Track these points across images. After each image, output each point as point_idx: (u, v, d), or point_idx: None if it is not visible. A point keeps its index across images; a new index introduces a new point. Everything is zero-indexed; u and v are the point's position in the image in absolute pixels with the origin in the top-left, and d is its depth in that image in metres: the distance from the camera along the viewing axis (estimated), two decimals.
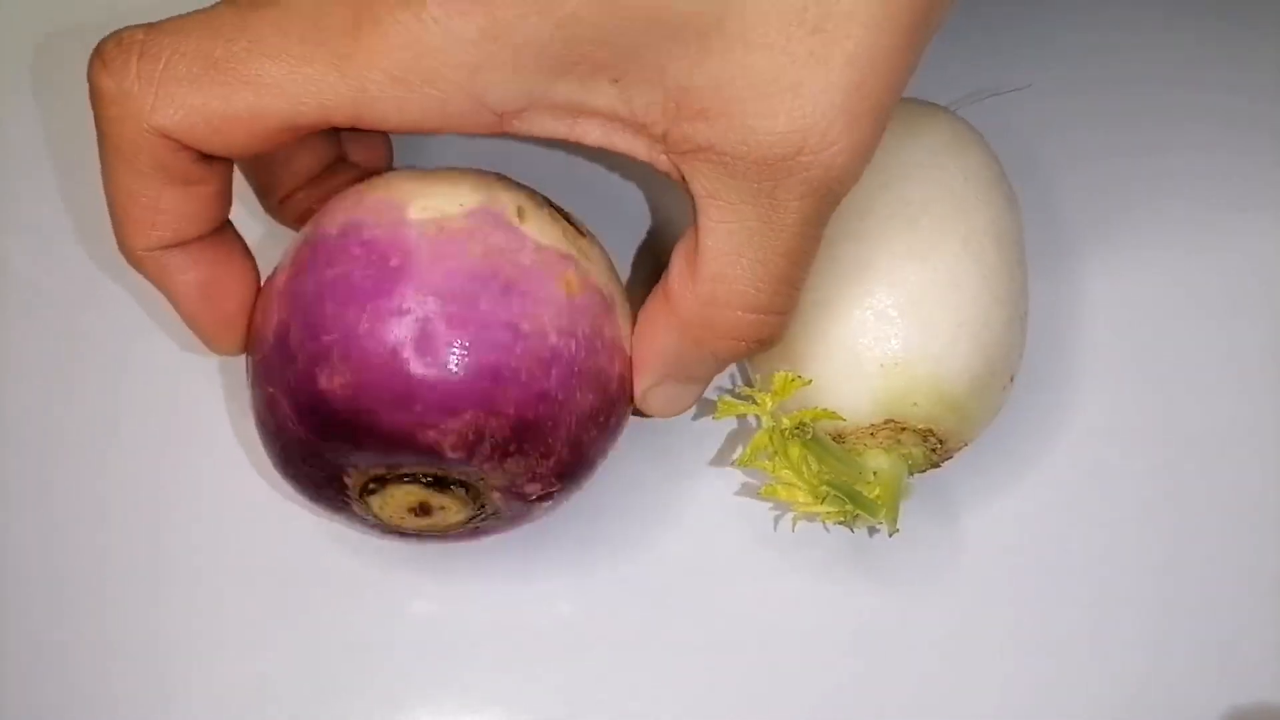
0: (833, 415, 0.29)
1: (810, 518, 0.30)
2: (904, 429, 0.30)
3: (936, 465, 0.31)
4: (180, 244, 0.25)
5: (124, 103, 0.23)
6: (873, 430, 0.30)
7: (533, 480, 0.27)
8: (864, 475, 0.30)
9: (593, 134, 0.25)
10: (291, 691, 0.32)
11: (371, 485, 0.27)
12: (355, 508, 0.28)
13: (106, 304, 0.35)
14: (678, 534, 0.34)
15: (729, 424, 0.34)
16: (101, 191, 0.25)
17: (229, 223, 0.27)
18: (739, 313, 0.26)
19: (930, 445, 0.30)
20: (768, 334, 0.27)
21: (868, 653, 0.33)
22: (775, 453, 0.29)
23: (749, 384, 0.33)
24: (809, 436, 0.29)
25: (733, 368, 0.35)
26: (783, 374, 0.30)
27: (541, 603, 0.33)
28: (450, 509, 0.27)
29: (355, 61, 0.22)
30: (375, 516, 0.28)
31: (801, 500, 0.30)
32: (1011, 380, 0.31)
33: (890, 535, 0.30)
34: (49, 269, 0.35)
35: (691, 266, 0.26)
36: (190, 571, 0.33)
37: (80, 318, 0.35)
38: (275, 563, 0.33)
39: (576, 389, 0.27)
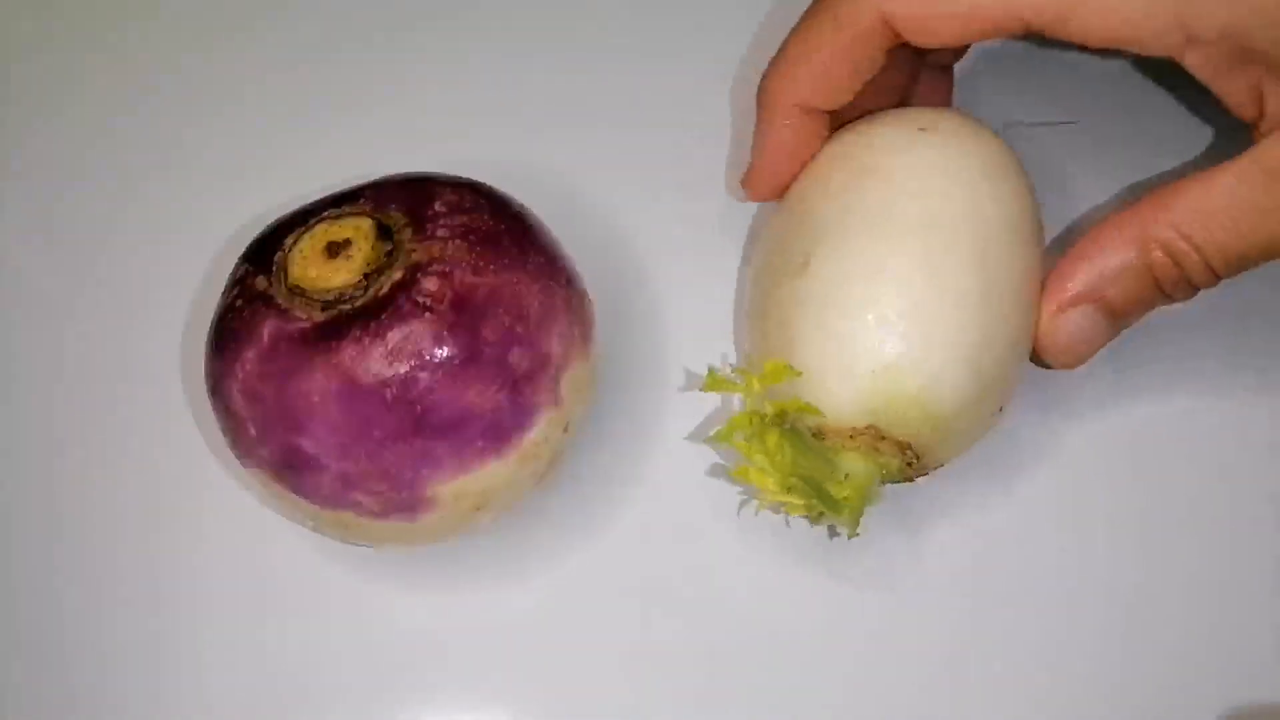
0: (814, 410, 0.29)
1: (775, 507, 0.30)
2: (884, 437, 0.29)
3: (910, 480, 0.31)
4: (806, 109, 0.30)
5: None
6: (853, 433, 0.29)
7: (438, 277, 0.28)
8: (836, 474, 0.29)
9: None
10: (274, 699, 0.33)
11: (315, 220, 0.29)
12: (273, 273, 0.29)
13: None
14: (643, 505, 0.34)
15: (712, 403, 0.34)
16: None
17: (837, 114, 0.31)
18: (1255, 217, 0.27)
19: (907, 459, 0.30)
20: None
21: (822, 642, 0.33)
22: (752, 436, 0.29)
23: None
24: (787, 426, 0.29)
25: (731, 356, 0.35)
26: (774, 361, 0.29)
27: (514, 588, 0.34)
28: (357, 252, 0.28)
29: None
30: (287, 270, 0.29)
31: (770, 488, 0.30)
32: (1000, 410, 0.31)
33: (849, 538, 0.30)
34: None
35: (1211, 173, 0.27)
36: (176, 580, 0.34)
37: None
38: (258, 571, 0.34)
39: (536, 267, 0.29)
